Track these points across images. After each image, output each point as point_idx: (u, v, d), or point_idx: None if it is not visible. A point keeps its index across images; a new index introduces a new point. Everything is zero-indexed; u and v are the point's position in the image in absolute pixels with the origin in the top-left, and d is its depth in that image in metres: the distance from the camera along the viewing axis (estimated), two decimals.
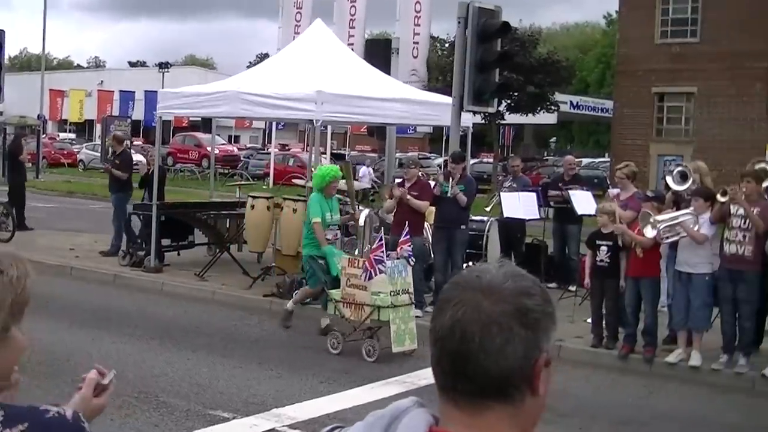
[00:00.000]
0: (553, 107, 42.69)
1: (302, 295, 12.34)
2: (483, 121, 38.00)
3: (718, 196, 10.39)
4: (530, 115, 42.43)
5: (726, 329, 10.54)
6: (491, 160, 46.46)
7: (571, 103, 56.03)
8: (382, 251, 10.43)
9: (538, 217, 15.25)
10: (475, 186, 13.90)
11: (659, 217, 10.48)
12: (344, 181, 13.32)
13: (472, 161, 50.15)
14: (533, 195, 15.15)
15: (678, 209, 10.95)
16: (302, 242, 12.31)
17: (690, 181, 11.20)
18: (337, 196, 12.87)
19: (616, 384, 10.28)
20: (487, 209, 16.66)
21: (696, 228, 10.39)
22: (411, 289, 11.13)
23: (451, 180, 13.15)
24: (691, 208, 10.54)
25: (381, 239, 10.67)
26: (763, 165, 11.33)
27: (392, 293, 10.73)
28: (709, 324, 10.82)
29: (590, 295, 11.80)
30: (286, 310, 12.29)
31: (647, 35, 36.95)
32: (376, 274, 10.41)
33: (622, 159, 28.32)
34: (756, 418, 9.29)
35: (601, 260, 11.31)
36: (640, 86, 36.96)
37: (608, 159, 43.54)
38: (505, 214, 14.97)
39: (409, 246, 11.06)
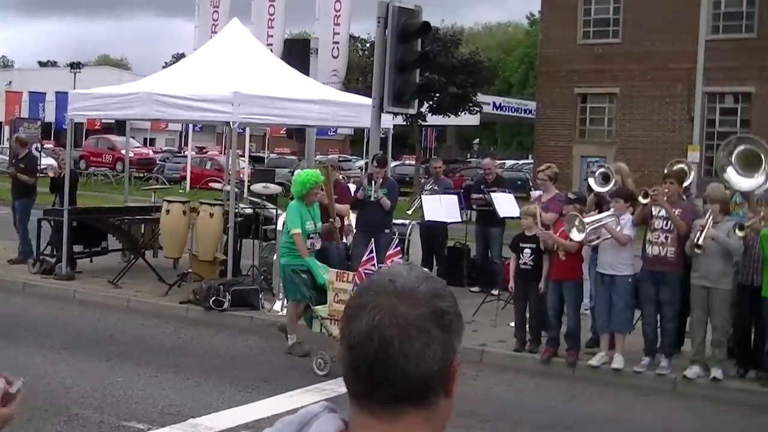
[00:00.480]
0: (475, 108, 43.09)
1: (290, 319, 11.40)
2: (405, 123, 38.19)
3: (640, 198, 10.59)
4: (452, 116, 42.78)
5: (648, 331, 10.76)
6: (413, 162, 46.70)
7: (494, 104, 56.57)
8: (373, 264, 9.89)
9: (459, 220, 15.38)
10: (397, 189, 14.01)
11: (587, 219, 10.62)
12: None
13: (393, 164, 50.42)
14: (455, 198, 15.26)
15: (600, 211, 11.15)
16: (279, 252, 11.74)
17: (612, 183, 11.41)
18: (253, 198, 12.73)
19: (539, 388, 10.43)
20: (409, 212, 16.76)
21: (618, 229, 10.59)
22: None
23: (374, 183, 13.22)
24: (612, 210, 10.73)
25: (372, 252, 10.10)
26: (682, 165, 11.61)
27: None
28: (631, 326, 11.04)
29: (513, 298, 11.95)
30: (293, 344, 11.27)
31: (570, 36, 37.55)
32: None
33: (546, 160, 28.70)
34: (678, 420, 9.50)
35: (525, 263, 11.45)
36: (562, 87, 37.55)
37: (532, 161, 44.07)
38: (427, 217, 15.05)
39: (400, 258, 10.58)
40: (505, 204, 14.41)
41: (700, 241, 9.95)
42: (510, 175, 44.70)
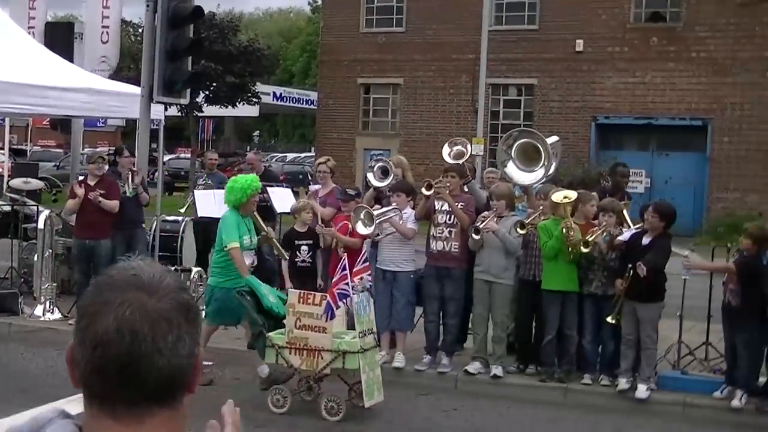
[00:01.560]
0: (254, 99, 42.89)
1: (258, 347, 9.96)
2: (179, 114, 37.60)
3: (423, 190, 10.86)
4: (230, 107, 42.41)
5: (430, 329, 11.07)
6: (189, 155, 46.08)
7: (275, 94, 56.51)
8: (346, 283, 9.31)
9: None
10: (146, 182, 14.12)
11: (377, 212, 10.75)
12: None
13: (167, 157, 49.65)
14: None
15: (380, 206, 11.36)
16: (210, 272, 10.57)
17: (391, 177, 11.64)
18: (12, 195, 12.11)
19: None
20: (182, 210, 16.42)
21: (399, 222, 10.81)
22: (375, 328, 9.92)
23: (129, 178, 13.15)
24: (394, 204, 10.95)
25: (344, 269, 9.39)
26: (459, 147, 11.93)
27: (361, 334, 9.41)
28: (412, 324, 11.32)
29: None
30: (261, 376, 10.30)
31: (352, 23, 37.99)
32: (335, 313, 9.27)
33: (328, 153, 28.87)
34: (458, 417, 9.81)
35: (303, 260, 11.52)
36: (345, 77, 37.96)
37: (314, 154, 44.36)
38: (200, 214, 14.88)
39: (369, 274, 10.08)
40: (282, 198, 14.43)
41: (480, 225, 10.31)
42: (291, 168, 45.00)
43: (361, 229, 10.72)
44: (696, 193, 33.02)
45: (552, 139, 12.15)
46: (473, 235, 10.41)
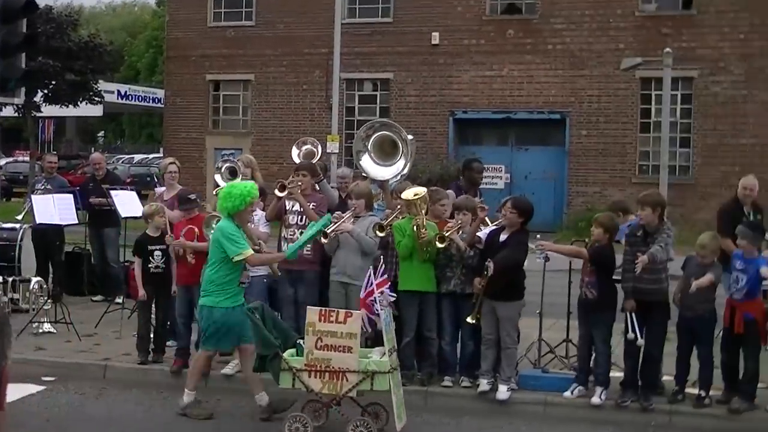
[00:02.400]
0: (97, 98, 42.04)
1: (196, 371, 9.86)
2: (17, 114, 36.59)
3: (276, 192, 10.78)
4: (72, 106, 41.48)
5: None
6: (28, 158, 44.86)
7: (119, 92, 55.58)
8: (374, 297, 8.99)
9: (76, 221, 14.86)
10: None
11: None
12: None
13: (5, 160, 48.23)
14: (70, 197, 14.75)
15: None
16: (203, 291, 9.73)
17: (239, 178, 11.54)
18: None
19: (167, 403, 10.32)
20: (19, 217, 15.91)
21: (252, 227, 10.71)
22: (395, 345, 9.51)
23: None
24: None
25: (371, 282, 9.10)
26: (308, 146, 11.94)
27: (390, 352, 9.06)
28: None
29: (138, 306, 11.75)
30: (191, 402, 9.84)
31: (199, 17, 37.57)
32: (375, 323, 8.96)
33: (176, 154, 28.63)
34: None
35: (156, 266, 11.36)
36: (193, 73, 37.53)
37: (162, 154, 43.73)
38: (38, 220, 14.48)
39: (389, 287, 9.53)
40: (127, 202, 14.16)
41: (328, 231, 10.30)
42: (138, 171, 44.28)
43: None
44: (556, 188, 33.82)
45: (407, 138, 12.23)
46: (322, 239, 10.40)
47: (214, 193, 10.66)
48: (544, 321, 11.52)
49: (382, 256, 10.66)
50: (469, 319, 10.21)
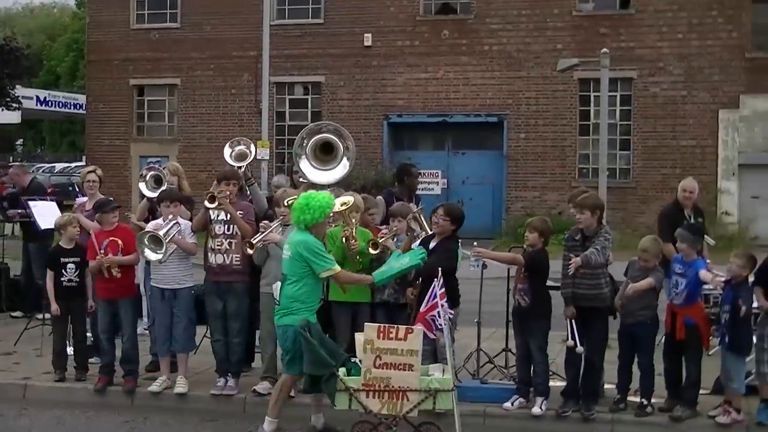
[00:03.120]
0: (14, 104, 41.50)
1: (282, 398, 9.52)
2: None
3: (206, 203, 10.66)
4: None
5: (217, 349, 10.90)
6: None
7: (38, 98, 54.82)
8: (437, 312, 8.99)
9: None
10: None
11: (162, 233, 10.44)
12: None
13: None
14: None
15: (154, 218, 11.15)
16: (283, 309, 9.43)
17: (165, 186, 11.45)
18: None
19: (93, 423, 10.22)
20: None
21: (180, 237, 10.62)
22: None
23: None
24: (170, 216, 10.72)
25: (435, 296, 9.04)
26: (242, 147, 11.86)
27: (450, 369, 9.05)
28: (194, 345, 11.17)
29: (53, 321, 11.59)
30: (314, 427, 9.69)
31: (122, 19, 37.30)
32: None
33: (99, 162, 28.36)
34: None
35: (69, 279, 11.23)
36: (116, 78, 37.22)
37: (85, 163, 43.25)
38: None
39: (447, 301, 9.27)
40: (47, 213, 13.97)
41: (254, 241, 10.26)
42: (59, 180, 43.72)
43: (152, 255, 10.47)
44: (494, 193, 34.02)
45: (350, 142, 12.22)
46: (248, 250, 10.35)
47: (286, 203, 10.38)
48: (483, 330, 11.56)
49: None
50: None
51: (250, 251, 10.36)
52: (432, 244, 10.21)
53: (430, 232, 10.58)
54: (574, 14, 33.23)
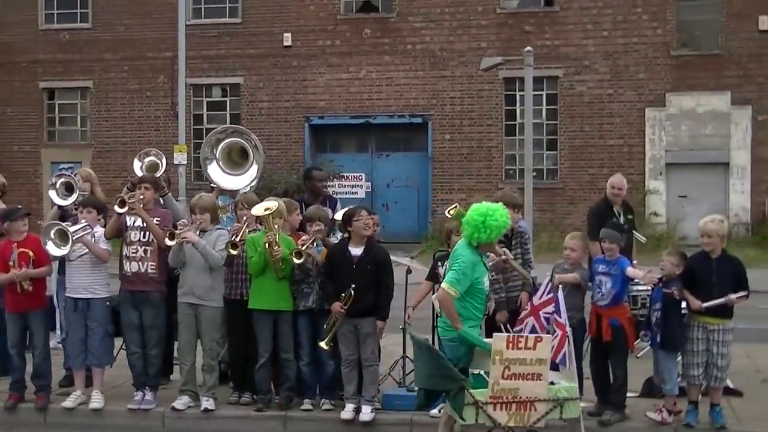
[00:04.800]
0: None
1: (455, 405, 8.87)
2: None
3: (116, 207, 10.59)
4: None
5: (133, 361, 10.81)
6: None
7: None
8: (553, 306, 9.11)
9: None
10: None
11: (72, 229, 10.35)
12: None
13: None
14: None
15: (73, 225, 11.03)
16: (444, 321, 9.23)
17: (77, 194, 11.34)
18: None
19: None
20: None
21: (94, 242, 10.53)
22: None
23: None
24: (83, 221, 10.63)
25: (550, 291, 9.19)
26: (152, 157, 11.83)
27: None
28: (112, 358, 11.08)
29: None
30: None
31: (30, 19, 36.76)
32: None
33: (8, 169, 27.92)
34: None
35: None
36: (24, 81, 36.68)
37: None
38: None
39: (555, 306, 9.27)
40: None
41: (177, 231, 10.23)
42: None
43: (54, 250, 10.37)
44: (420, 196, 34.11)
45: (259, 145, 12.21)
46: (167, 241, 10.29)
47: (449, 214, 10.15)
48: (408, 337, 11.60)
49: (231, 272, 10.64)
50: (323, 344, 10.20)
51: (169, 242, 10.28)
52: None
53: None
54: (498, 12, 33.48)
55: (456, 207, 10.56)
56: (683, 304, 9.95)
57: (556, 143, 33.27)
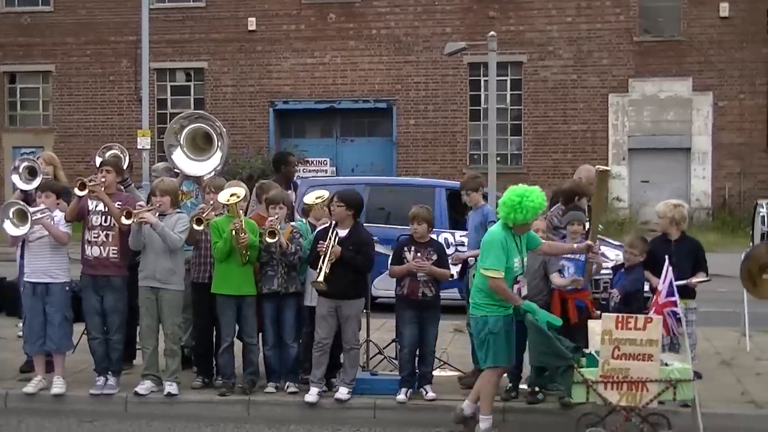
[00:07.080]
0: None
1: (491, 394, 9.41)
2: None
3: (76, 190, 10.49)
4: None
5: (95, 347, 10.71)
6: None
7: None
8: (678, 311, 9.15)
9: None
10: None
11: (32, 210, 10.25)
12: None
13: None
14: None
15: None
16: (476, 299, 9.40)
17: (40, 177, 11.22)
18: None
19: None
20: None
21: (51, 222, 10.43)
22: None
23: None
24: (42, 205, 10.52)
25: (673, 289, 9.16)
26: (115, 151, 11.75)
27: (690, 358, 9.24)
28: (72, 344, 10.97)
29: None
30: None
31: None
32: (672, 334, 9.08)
33: None
34: None
35: None
36: None
37: None
38: None
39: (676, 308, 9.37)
40: None
41: (134, 211, 10.16)
42: None
43: (12, 230, 10.27)
44: None
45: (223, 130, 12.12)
46: (123, 220, 10.19)
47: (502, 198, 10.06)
48: (372, 321, 11.59)
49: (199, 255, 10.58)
50: (319, 280, 10.01)
51: (125, 221, 10.19)
52: (342, 234, 10.19)
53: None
54: None
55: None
56: (646, 287, 10.03)
57: (520, 128, 33.36)
